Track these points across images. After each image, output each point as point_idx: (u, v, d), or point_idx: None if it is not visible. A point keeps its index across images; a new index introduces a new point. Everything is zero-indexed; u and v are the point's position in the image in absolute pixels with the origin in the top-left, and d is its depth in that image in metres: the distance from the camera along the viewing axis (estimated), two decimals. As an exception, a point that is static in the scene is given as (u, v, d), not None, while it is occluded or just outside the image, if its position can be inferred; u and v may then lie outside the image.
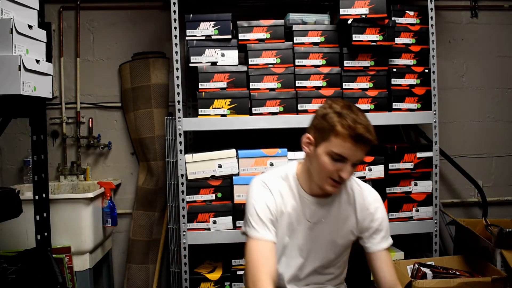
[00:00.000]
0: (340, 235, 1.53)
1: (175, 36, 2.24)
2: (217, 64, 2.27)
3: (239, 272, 2.27)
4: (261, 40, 2.28)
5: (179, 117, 2.24)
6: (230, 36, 2.27)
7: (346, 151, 1.35)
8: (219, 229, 2.24)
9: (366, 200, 1.54)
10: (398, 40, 2.36)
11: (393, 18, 2.34)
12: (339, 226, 1.53)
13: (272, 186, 1.49)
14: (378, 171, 2.30)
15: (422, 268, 2.04)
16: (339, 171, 1.37)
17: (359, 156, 1.37)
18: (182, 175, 2.24)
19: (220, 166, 2.24)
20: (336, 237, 1.53)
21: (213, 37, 2.26)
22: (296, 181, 1.51)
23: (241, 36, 2.28)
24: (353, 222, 1.53)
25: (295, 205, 1.49)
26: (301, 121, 2.25)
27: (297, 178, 1.51)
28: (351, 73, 2.32)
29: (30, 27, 1.78)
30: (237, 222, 2.24)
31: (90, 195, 2.28)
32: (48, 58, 1.94)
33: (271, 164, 2.24)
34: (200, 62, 2.27)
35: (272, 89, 2.27)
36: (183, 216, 2.24)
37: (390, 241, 1.55)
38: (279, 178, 1.52)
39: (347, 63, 2.31)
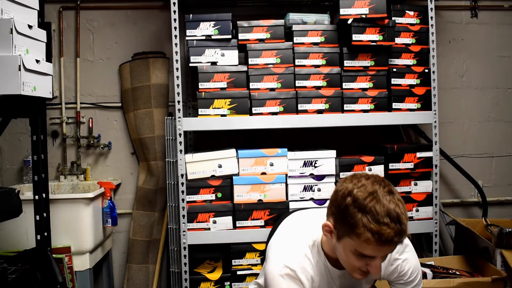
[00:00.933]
0: (366, 284, 1.48)
1: (175, 36, 2.24)
2: (217, 64, 2.27)
3: (239, 272, 2.27)
4: (261, 40, 2.28)
5: (179, 117, 2.24)
6: (230, 36, 2.27)
7: (372, 252, 1.18)
8: (219, 229, 2.24)
9: (392, 255, 1.36)
10: (398, 40, 2.36)
11: (393, 18, 2.33)
12: (365, 280, 1.44)
13: (301, 273, 1.29)
14: (378, 171, 2.30)
15: (422, 268, 2.04)
16: (367, 265, 1.22)
17: (389, 251, 1.22)
18: (182, 175, 2.24)
19: (220, 166, 2.24)
20: (362, 285, 1.47)
21: (213, 37, 2.26)
22: (322, 255, 1.35)
23: (241, 36, 2.28)
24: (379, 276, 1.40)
25: (323, 278, 1.36)
26: (301, 121, 2.25)
27: (322, 251, 1.35)
28: (351, 73, 2.32)
29: (30, 27, 1.78)
30: (237, 222, 2.24)
31: (90, 195, 2.28)
32: (48, 58, 1.94)
33: (271, 164, 2.24)
34: (200, 62, 2.27)
35: (272, 89, 2.27)
36: (183, 216, 2.24)
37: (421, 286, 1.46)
38: (305, 257, 1.33)
39: (347, 63, 2.31)
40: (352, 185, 1.19)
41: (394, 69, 2.34)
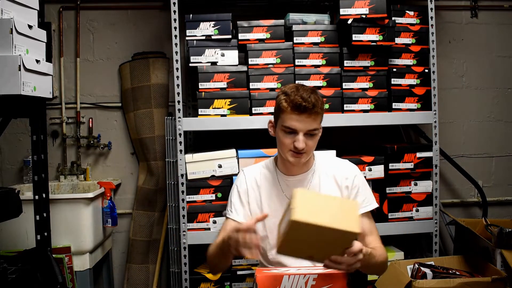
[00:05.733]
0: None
1: (175, 36, 2.24)
2: (217, 64, 2.27)
3: (239, 272, 2.28)
4: (261, 40, 2.28)
5: (179, 117, 2.24)
6: (230, 36, 2.27)
7: (292, 123, 1.49)
8: (219, 229, 2.23)
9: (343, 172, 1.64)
10: (398, 40, 2.36)
11: (393, 18, 2.34)
12: None
13: (247, 172, 1.69)
14: (378, 171, 2.30)
15: (422, 268, 2.04)
16: (294, 142, 1.50)
17: (308, 125, 1.49)
18: (182, 175, 2.24)
19: (220, 166, 2.24)
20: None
21: (213, 37, 2.26)
22: (274, 164, 1.68)
23: (241, 36, 2.28)
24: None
25: (272, 179, 1.65)
26: (301, 121, 2.25)
27: (275, 163, 1.68)
28: (351, 73, 2.32)
29: (30, 27, 1.78)
30: (237, 222, 2.24)
31: (90, 195, 2.28)
32: (48, 58, 1.94)
33: (271, 164, 2.24)
34: (200, 62, 2.27)
35: (272, 89, 2.27)
36: (183, 216, 2.24)
37: (373, 205, 1.62)
38: (257, 167, 1.71)
39: (347, 63, 2.31)
40: (286, 85, 1.57)
41: (394, 69, 2.34)
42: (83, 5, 2.72)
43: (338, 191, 1.61)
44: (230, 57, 2.27)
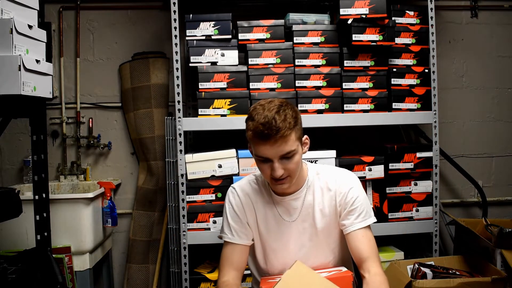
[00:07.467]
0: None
1: (175, 36, 2.24)
2: (217, 64, 2.27)
3: (239, 272, 2.27)
4: (261, 40, 2.28)
5: (179, 117, 2.24)
6: (230, 36, 2.27)
7: (262, 151, 1.37)
8: (219, 229, 2.23)
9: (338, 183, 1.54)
10: (398, 40, 2.36)
11: (393, 18, 2.34)
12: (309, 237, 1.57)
13: (239, 189, 1.58)
14: (378, 171, 2.30)
15: (422, 268, 2.04)
16: (272, 170, 1.39)
17: (279, 150, 1.36)
18: (182, 175, 2.24)
19: (220, 166, 2.24)
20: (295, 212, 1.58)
21: (213, 37, 2.26)
22: (265, 182, 1.57)
23: (241, 36, 2.28)
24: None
25: (264, 199, 1.56)
26: (301, 121, 2.25)
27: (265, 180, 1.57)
28: (351, 73, 2.32)
29: (30, 27, 1.78)
30: (237, 222, 2.24)
31: (90, 195, 2.28)
32: (48, 58, 1.94)
33: (271, 164, 2.24)
34: (200, 62, 2.27)
35: (272, 89, 2.27)
36: (183, 216, 2.24)
37: (369, 221, 1.50)
38: (247, 181, 1.61)
39: (347, 63, 2.31)
40: (256, 104, 1.42)
41: (394, 69, 2.34)
42: (83, 5, 2.72)
43: (333, 206, 1.53)
44: (230, 57, 2.27)
